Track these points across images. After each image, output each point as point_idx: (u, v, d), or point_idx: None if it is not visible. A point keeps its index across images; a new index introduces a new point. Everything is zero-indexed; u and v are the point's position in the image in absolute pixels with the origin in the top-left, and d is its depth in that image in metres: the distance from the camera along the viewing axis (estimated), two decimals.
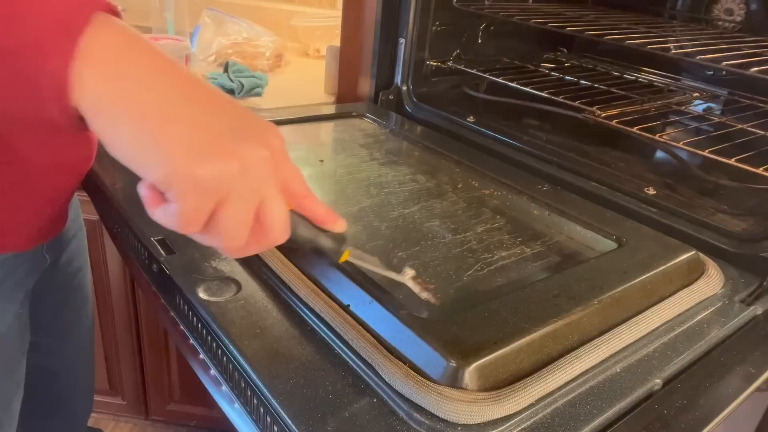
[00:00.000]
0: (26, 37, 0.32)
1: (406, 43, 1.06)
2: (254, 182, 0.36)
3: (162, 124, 0.34)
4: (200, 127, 0.35)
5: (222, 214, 0.36)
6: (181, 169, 0.34)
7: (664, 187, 0.79)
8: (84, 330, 0.94)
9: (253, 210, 0.37)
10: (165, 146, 0.34)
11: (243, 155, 0.35)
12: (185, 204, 0.35)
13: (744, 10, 1.09)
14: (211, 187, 0.35)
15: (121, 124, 0.34)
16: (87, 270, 0.91)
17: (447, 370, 0.43)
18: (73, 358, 0.93)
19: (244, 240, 0.38)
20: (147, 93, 0.34)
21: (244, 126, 0.37)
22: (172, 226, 0.37)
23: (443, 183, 0.79)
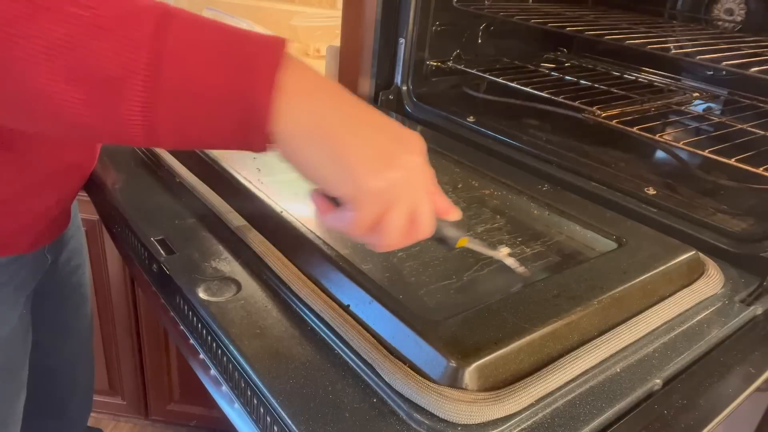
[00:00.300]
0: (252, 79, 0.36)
1: (406, 43, 1.06)
2: (413, 188, 0.43)
3: (348, 147, 0.39)
4: (374, 146, 0.41)
5: (388, 218, 0.42)
6: (363, 184, 0.40)
7: (664, 187, 0.79)
8: (83, 329, 0.94)
9: (410, 212, 0.43)
10: (351, 165, 0.39)
11: (406, 165, 0.41)
12: (362, 212, 0.41)
13: (744, 10, 1.09)
14: (384, 196, 0.41)
15: (313, 147, 0.39)
16: (86, 269, 0.92)
17: (447, 370, 0.43)
18: (72, 357, 0.94)
19: (402, 238, 0.44)
20: (333, 120, 0.40)
21: (401, 138, 0.43)
22: (343, 229, 0.43)
23: (443, 183, 0.79)
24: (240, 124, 0.38)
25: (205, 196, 0.68)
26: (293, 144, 0.39)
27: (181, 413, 1.49)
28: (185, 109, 0.36)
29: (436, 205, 0.47)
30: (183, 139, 0.38)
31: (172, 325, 0.58)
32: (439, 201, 0.48)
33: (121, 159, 0.79)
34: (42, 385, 0.87)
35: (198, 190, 0.69)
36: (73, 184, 0.70)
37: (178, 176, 0.72)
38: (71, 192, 0.71)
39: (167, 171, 0.74)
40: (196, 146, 0.41)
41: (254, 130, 0.38)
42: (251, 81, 0.37)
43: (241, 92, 0.37)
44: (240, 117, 0.37)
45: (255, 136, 0.38)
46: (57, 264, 0.81)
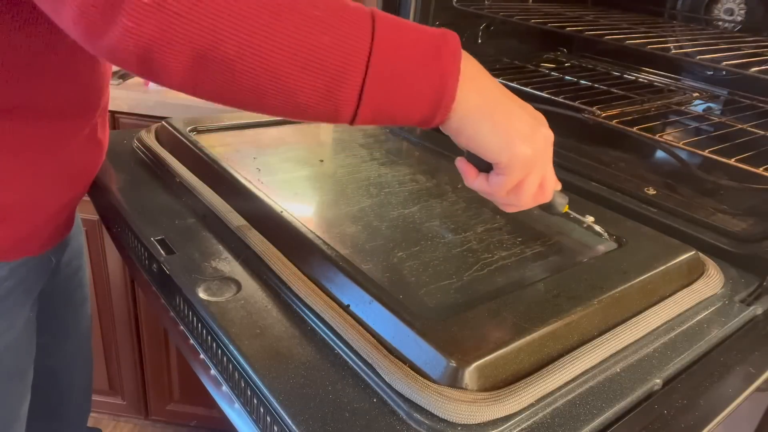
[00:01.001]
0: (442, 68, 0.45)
1: None
2: (546, 157, 0.52)
3: (506, 121, 0.48)
4: (524, 121, 0.49)
5: (526, 181, 0.51)
6: (518, 152, 0.48)
7: (664, 187, 0.79)
8: (83, 329, 0.94)
9: (541, 177, 0.52)
10: (509, 136, 0.48)
11: (544, 137, 0.50)
12: (510, 176, 0.50)
13: (744, 10, 1.09)
14: (529, 163, 0.49)
15: (480, 122, 0.47)
16: (85, 270, 0.92)
17: (447, 370, 0.43)
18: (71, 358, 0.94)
19: (531, 200, 0.53)
20: (495, 100, 0.48)
21: (536, 115, 0.51)
22: (489, 191, 0.52)
23: (443, 183, 0.79)
24: (430, 104, 0.45)
25: (205, 196, 0.68)
26: (465, 119, 0.47)
27: (181, 413, 1.49)
28: (389, 93, 0.43)
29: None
30: (379, 117, 0.45)
31: (172, 325, 0.58)
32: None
33: (121, 159, 0.79)
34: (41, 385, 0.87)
35: (198, 190, 0.69)
36: (81, 187, 0.71)
37: (178, 176, 0.72)
38: (78, 195, 0.72)
39: (167, 171, 0.74)
40: (386, 123, 0.48)
41: (441, 109, 0.46)
42: (441, 70, 0.44)
43: (433, 80, 0.44)
44: (431, 99, 0.45)
45: (440, 113, 0.46)
46: (59, 266, 0.81)
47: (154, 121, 1.04)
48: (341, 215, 0.69)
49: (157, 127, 0.85)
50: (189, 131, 0.82)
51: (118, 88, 1.18)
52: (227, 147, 0.84)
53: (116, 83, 1.19)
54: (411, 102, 0.45)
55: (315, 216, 0.70)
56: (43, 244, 0.70)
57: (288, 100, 0.42)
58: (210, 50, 0.39)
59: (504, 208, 0.56)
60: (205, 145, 0.77)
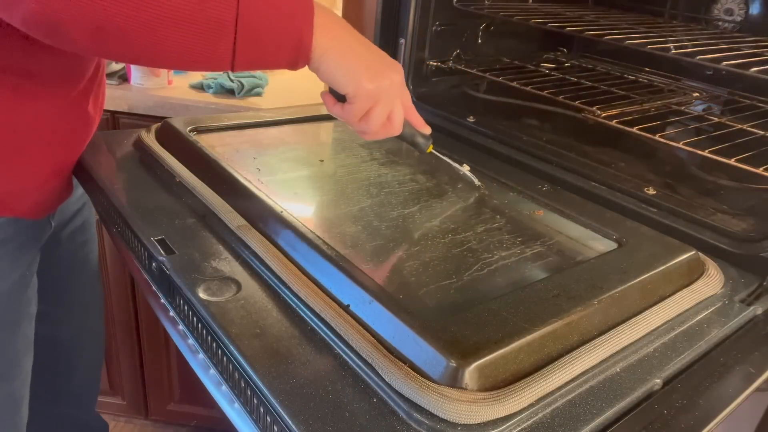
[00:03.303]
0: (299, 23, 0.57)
1: (406, 43, 1.06)
2: (392, 96, 0.64)
3: (354, 61, 0.61)
4: (370, 63, 0.62)
5: (374, 112, 0.63)
6: (362, 85, 0.61)
7: (664, 187, 0.79)
8: (92, 304, 0.97)
9: (388, 111, 0.64)
10: (355, 72, 0.60)
11: (389, 78, 0.63)
12: (359, 105, 0.62)
13: (744, 10, 1.09)
14: (374, 95, 0.62)
15: (334, 61, 0.60)
16: (94, 245, 0.95)
17: (447, 370, 0.43)
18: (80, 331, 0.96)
19: (380, 128, 0.65)
20: (347, 45, 0.61)
21: (388, 61, 0.64)
22: (344, 117, 0.65)
23: (443, 183, 0.79)
24: (292, 53, 0.57)
25: (205, 196, 0.68)
26: (321, 60, 0.59)
27: (181, 413, 1.49)
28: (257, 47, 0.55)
29: (412, 119, 0.71)
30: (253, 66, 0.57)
31: (172, 325, 0.58)
32: (414, 116, 0.71)
33: (121, 159, 0.79)
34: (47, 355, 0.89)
35: (198, 190, 0.69)
36: (64, 156, 0.75)
37: (178, 176, 0.72)
38: (67, 165, 0.75)
39: (167, 171, 0.74)
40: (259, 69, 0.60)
41: (301, 56, 0.58)
42: (298, 24, 0.56)
43: (292, 33, 0.56)
44: (292, 47, 0.57)
45: (301, 59, 0.58)
46: (60, 236, 0.84)
47: (154, 121, 1.04)
48: (341, 215, 0.69)
49: (157, 127, 0.85)
50: (189, 131, 0.82)
51: (118, 88, 1.18)
52: (227, 147, 0.84)
53: (116, 83, 1.19)
54: (276, 52, 0.57)
55: (315, 216, 0.70)
56: (36, 209, 0.74)
57: (178, 59, 0.54)
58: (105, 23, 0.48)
59: (361, 135, 0.67)
60: (205, 145, 0.77)
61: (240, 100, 1.20)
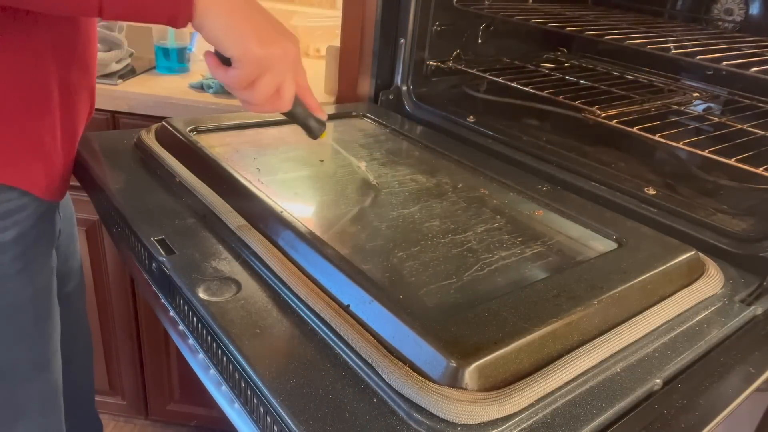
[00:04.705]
0: None
1: (406, 43, 1.06)
2: (285, 65, 0.59)
3: (243, 22, 0.57)
4: (262, 27, 0.58)
5: (261, 81, 0.59)
6: (250, 49, 0.56)
7: (664, 187, 0.79)
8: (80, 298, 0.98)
9: (277, 84, 0.60)
10: (243, 35, 0.56)
11: (281, 47, 0.58)
12: (244, 71, 0.57)
13: (744, 10, 1.09)
14: (263, 63, 0.57)
15: (218, 20, 0.56)
16: (77, 240, 0.96)
17: (447, 370, 0.43)
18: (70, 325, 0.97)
19: (266, 100, 0.60)
20: (236, 7, 0.57)
21: (283, 30, 0.60)
22: (228, 83, 0.59)
23: (443, 183, 0.79)
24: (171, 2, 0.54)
25: (205, 196, 0.68)
26: (205, 16, 0.56)
27: (181, 413, 1.49)
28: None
29: (308, 100, 0.67)
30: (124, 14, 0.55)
31: (172, 325, 0.58)
32: (309, 97, 0.67)
33: (121, 159, 0.79)
34: None
35: (198, 190, 0.69)
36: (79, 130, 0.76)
37: (178, 176, 0.72)
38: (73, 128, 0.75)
39: (167, 171, 0.74)
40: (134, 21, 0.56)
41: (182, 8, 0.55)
42: None
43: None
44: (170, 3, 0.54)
45: (182, 13, 0.55)
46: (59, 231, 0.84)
47: (154, 121, 1.04)
48: (341, 215, 0.69)
49: (157, 127, 0.85)
50: (189, 131, 0.82)
51: (118, 88, 1.18)
52: (227, 147, 0.84)
53: (116, 83, 1.19)
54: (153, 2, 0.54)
55: (315, 216, 0.70)
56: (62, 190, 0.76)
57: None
58: None
59: (245, 106, 0.62)
60: (205, 145, 0.77)
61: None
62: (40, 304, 0.75)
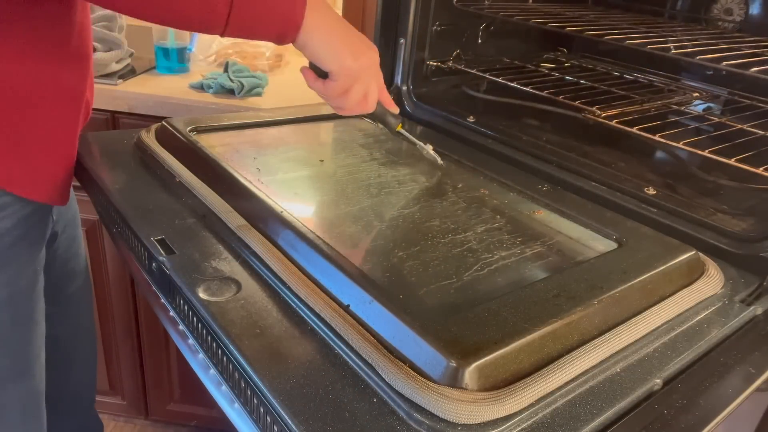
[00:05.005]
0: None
1: (406, 43, 1.06)
2: (371, 74, 0.69)
3: (339, 40, 0.65)
4: (353, 43, 0.66)
5: (353, 89, 0.68)
6: (346, 64, 0.65)
7: (664, 187, 0.79)
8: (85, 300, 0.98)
9: (365, 90, 0.69)
10: (340, 51, 0.64)
11: (369, 59, 0.67)
12: (340, 82, 0.66)
13: (744, 10, 1.09)
14: (355, 74, 0.66)
15: (322, 40, 0.64)
16: (81, 241, 0.96)
17: (447, 370, 0.43)
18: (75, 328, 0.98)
19: (356, 105, 0.70)
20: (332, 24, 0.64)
21: (368, 44, 0.68)
22: (325, 93, 0.68)
23: (443, 183, 0.79)
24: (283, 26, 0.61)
25: (205, 196, 0.68)
26: (309, 38, 0.63)
27: (181, 413, 1.49)
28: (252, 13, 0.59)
29: (384, 99, 0.76)
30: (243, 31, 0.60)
31: (172, 325, 0.58)
32: (385, 96, 0.77)
33: (121, 159, 0.79)
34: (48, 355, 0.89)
35: (198, 190, 0.69)
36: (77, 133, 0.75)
37: (178, 176, 0.72)
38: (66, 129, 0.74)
39: (167, 171, 0.74)
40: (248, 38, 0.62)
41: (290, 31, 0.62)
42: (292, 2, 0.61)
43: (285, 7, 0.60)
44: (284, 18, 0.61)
45: (290, 34, 0.62)
46: (56, 231, 0.84)
47: (154, 121, 1.04)
48: (341, 215, 0.69)
49: (157, 127, 0.85)
50: (189, 131, 0.82)
51: (118, 88, 1.18)
52: (227, 147, 0.84)
53: (116, 83, 1.19)
54: (268, 22, 0.60)
55: (315, 216, 0.70)
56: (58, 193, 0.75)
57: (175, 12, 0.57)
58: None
59: (337, 111, 0.71)
60: (205, 145, 0.77)
61: (240, 100, 1.20)
62: (18, 307, 0.74)
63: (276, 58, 1.42)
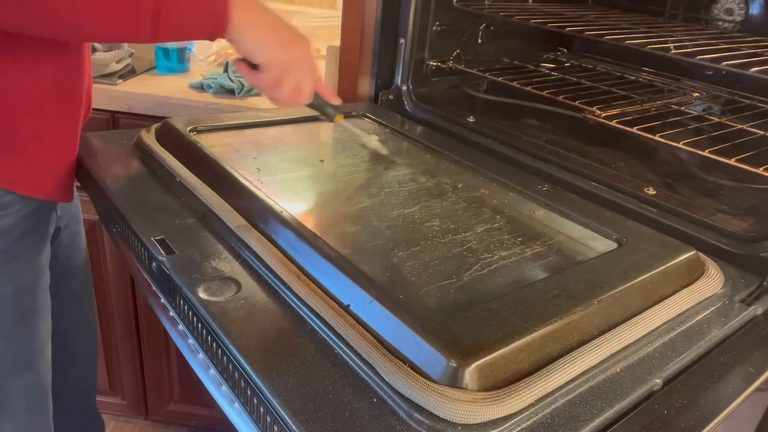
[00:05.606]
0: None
1: (406, 43, 1.06)
2: (303, 65, 0.69)
3: (268, 33, 0.66)
4: (283, 34, 0.67)
5: (285, 80, 0.69)
6: (276, 56, 0.67)
7: (664, 187, 0.79)
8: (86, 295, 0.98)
9: (299, 81, 0.70)
10: (269, 44, 0.66)
11: (299, 50, 0.68)
12: (272, 74, 0.68)
13: (744, 10, 1.09)
14: (286, 65, 0.68)
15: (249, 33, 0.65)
16: (83, 236, 0.96)
17: (447, 370, 0.43)
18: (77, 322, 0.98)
19: (290, 96, 0.70)
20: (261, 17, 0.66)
21: (298, 33, 0.69)
22: (258, 84, 0.70)
23: (443, 183, 0.79)
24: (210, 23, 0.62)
25: (205, 196, 0.68)
26: (237, 32, 0.64)
27: (181, 413, 1.49)
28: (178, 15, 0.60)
29: (322, 90, 0.77)
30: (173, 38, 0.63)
31: (172, 325, 0.58)
32: (323, 88, 0.77)
33: (121, 159, 0.79)
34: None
35: (198, 190, 0.69)
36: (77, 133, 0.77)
37: (178, 176, 0.72)
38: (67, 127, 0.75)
39: (167, 171, 0.74)
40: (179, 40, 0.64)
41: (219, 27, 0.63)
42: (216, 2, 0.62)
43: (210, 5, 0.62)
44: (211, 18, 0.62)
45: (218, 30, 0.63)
46: (59, 226, 0.85)
47: (154, 121, 1.04)
48: (341, 215, 0.69)
49: (157, 127, 0.85)
50: (189, 131, 0.82)
51: (118, 88, 1.18)
52: (227, 147, 0.84)
53: (116, 83, 1.19)
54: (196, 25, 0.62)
55: (315, 216, 0.70)
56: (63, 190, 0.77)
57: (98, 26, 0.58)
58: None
59: (273, 102, 0.72)
60: (205, 145, 0.77)
61: (240, 100, 1.20)
62: (22, 302, 0.75)
63: None
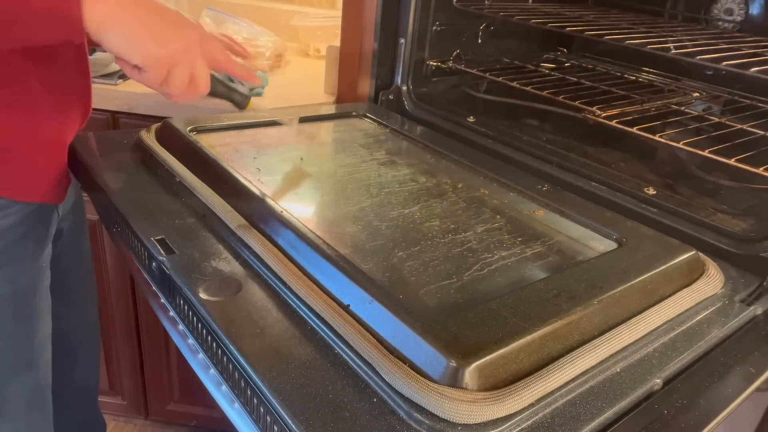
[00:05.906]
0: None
1: (406, 43, 1.06)
2: (189, 55, 0.62)
3: (138, 29, 0.58)
4: (157, 27, 0.59)
5: (172, 75, 0.62)
6: (151, 53, 0.59)
7: (664, 187, 0.79)
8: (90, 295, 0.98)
9: (189, 72, 0.63)
10: (141, 41, 0.59)
11: (182, 39, 0.61)
12: (152, 71, 0.61)
13: (744, 10, 1.09)
14: (167, 60, 0.60)
15: (113, 31, 0.58)
16: (87, 237, 0.96)
17: (447, 370, 0.43)
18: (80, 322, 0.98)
19: (184, 90, 0.63)
20: (125, 11, 0.58)
21: (179, 21, 0.61)
22: (144, 83, 0.62)
23: (443, 183, 0.79)
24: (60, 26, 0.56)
25: (205, 196, 0.68)
26: (99, 33, 0.57)
27: (181, 413, 1.49)
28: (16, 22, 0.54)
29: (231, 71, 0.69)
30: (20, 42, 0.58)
31: (172, 325, 0.58)
32: (234, 68, 0.69)
33: (121, 159, 0.79)
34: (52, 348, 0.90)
35: (198, 190, 0.69)
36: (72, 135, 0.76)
37: (178, 176, 0.72)
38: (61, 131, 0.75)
39: (167, 171, 0.74)
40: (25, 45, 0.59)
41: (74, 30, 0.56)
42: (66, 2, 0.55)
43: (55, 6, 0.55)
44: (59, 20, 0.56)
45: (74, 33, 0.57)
46: (61, 227, 0.85)
47: (153, 121, 1.04)
48: (341, 215, 0.69)
49: (157, 127, 0.85)
50: (189, 131, 0.82)
51: (118, 88, 1.18)
52: (227, 147, 0.84)
53: (116, 83, 1.19)
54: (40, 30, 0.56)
55: (315, 216, 0.70)
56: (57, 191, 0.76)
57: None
58: None
59: (170, 99, 0.65)
60: (205, 144, 0.77)
61: None
62: (21, 303, 0.75)
63: (276, 58, 1.42)
